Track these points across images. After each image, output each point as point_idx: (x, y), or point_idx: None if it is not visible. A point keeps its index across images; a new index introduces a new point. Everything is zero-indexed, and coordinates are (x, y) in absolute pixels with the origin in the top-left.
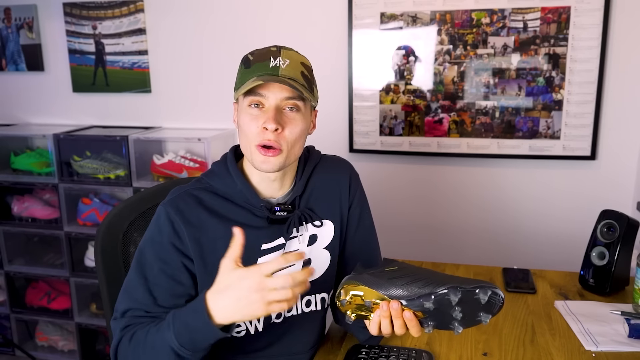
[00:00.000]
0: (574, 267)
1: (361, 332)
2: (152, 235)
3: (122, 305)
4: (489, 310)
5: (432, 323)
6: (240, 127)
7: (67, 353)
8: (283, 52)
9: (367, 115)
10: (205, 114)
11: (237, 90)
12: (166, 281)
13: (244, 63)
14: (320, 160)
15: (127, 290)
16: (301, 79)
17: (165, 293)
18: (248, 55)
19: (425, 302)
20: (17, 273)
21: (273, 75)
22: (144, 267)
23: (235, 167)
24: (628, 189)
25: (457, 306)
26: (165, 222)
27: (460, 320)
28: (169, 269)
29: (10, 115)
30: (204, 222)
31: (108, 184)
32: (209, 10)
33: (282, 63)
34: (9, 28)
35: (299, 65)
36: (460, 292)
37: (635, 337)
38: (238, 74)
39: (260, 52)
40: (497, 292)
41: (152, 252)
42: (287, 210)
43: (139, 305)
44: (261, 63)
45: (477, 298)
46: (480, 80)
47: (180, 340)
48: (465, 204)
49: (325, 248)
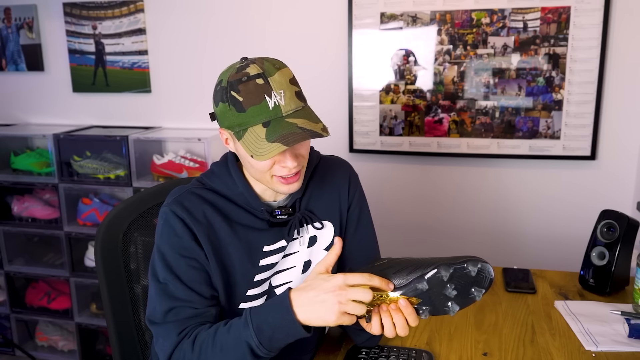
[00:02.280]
0: (574, 267)
1: (358, 334)
2: (167, 236)
3: (161, 307)
4: (480, 284)
5: (427, 308)
6: (248, 162)
7: (67, 353)
8: (271, 81)
9: (367, 115)
10: (205, 114)
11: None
12: (198, 274)
13: (232, 104)
14: (319, 161)
15: (162, 293)
16: (299, 102)
17: (202, 285)
18: (232, 92)
19: (419, 284)
20: (17, 273)
21: (278, 119)
22: (172, 268)
23: (237, 170)
24: (628, 189)
25: (449, 283)
26: (176, 221)
27: (454, 298)
28: (196, 263)
29: (10, 115)
30: (210, 219)
31: (108, 184)
32: (209, 10)
33: (280, 98)
34: (9, 28)
35: (289, 86)
36: (452, 268)
37: (635, 337)
38: (227, 114)
39: (247, 88)
40: (485, 264)
41: (173, 252)
42: (288, 213)
43: (182, 303)
44: (257, 106)
45: (468, 272)
46: (480, 80)
47: (260, 337)
48: (465, 204)
49: (325, 249)
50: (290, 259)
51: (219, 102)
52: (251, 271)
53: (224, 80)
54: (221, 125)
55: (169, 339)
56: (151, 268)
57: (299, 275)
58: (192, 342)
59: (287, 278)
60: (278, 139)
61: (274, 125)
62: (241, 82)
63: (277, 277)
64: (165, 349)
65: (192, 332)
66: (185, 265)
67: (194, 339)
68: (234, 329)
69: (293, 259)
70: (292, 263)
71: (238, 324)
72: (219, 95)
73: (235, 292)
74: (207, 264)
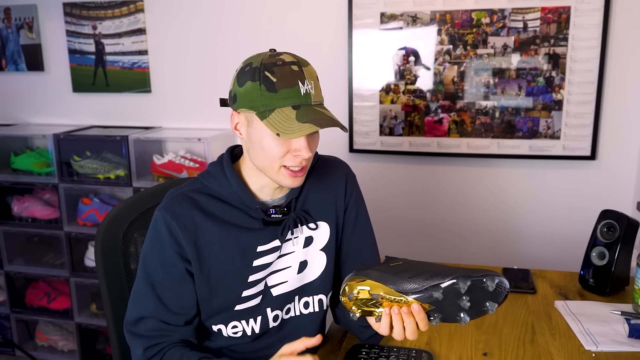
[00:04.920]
0: (574, 267)
1: (362, 330)
2: (152, 242)
3: (133, 314)
4: (495, 299)
5: (438, 315)
6: (261, 147)
7: (67, 353)
8: (304, 70)
9: (367, 115)
10: (205, 114)
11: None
12: (172, 286)
13: (264, 83)
14: (317, 161)
15: (136, 298)
16: (322, 98)
17: (173, 298)
18: (266, 73)
19: (434, 292)
20: (17, 273)
21: (307, 105)
22: (149, 274)
23: (231, 169)
24: (628, 189)
25: (465, 295)
26: (162, 228)
27: (468, 310)
28: (173, 274)
29: (10, 115)
30: (199, 224)
31: (108, 184)
32: (209, 10)
33: (311, 88)
34: (9, 28)
35: (316, 80)
36: (470, 280)
37: (635, 337)
38: (255, 93)
39: (282, 71)
40: (502, 280)
41: (154, 258)
42: (283, 213)
43: (150, 313)
44: (290, 89)
45: (485, 286)
46: (480, 80)
47: None
48: (465, 204)
49: (322, 250)
50: (286, 259)
51: (246, 82)
52: (245, 272)
53: (254, 62)
54: (241, 105)
55: (135, 353)
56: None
57: (295, 275)
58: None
59: (283, 278)
60: (310, 120)
61: (304, 109)
62: (276, 65)
63: (272, 277)
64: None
65: (157, 355)
66: (162, 274)
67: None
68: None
69: (289, 259)
70: (288, 263)
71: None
72: (248, 75)
73: (230, 295)
74: (188, 273)
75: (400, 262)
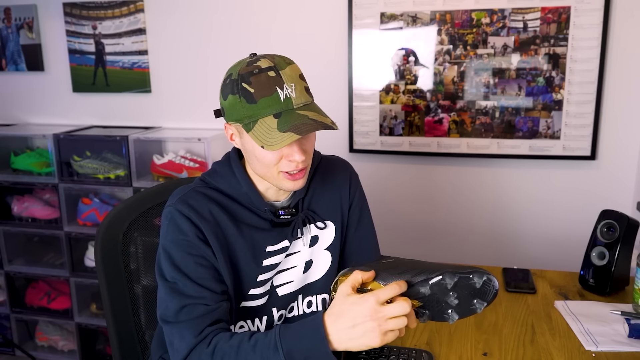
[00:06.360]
0: (574, 267)
1: None
2: (172, 234)
3: (173, 305)
4: (483, 297)
5: (427, 312)
6: (255, 156)
7: (67, 353)
8: (282, 74)
9: (367, 115)
10: (205, 114)
11: (255, 136)
12: (207, 271)
13: (243, 95)
14: (320, 161)
15: (172, 292)
16: (308, 97)
17: (212, 281)
18: (243, 84)
19: (422, 287)
20: (17, 273)
21: (289, 111)
22: (180, 267)
23: (241, 169)
24: (628, 189)
25: (452, 291)
26: (181, 220)
27: (455, 307)
28: (204, 261)
29: (10, 115)
30: (216, 216)
31: (108, 184)
32: (209, 10)
33: (291, 90)
34: (9, 28)
35: (299, 80)
36: (457, 276)
37: (635, 337)
38: (237, 106)
39: (259, 79)
40: (491, 277)
41: (180, 251)
42: (291, 214)
43: (194, 300)
44: (269, 97)
45: (472, 283)
46: (480, 80)
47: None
48: (465, 204)
49: (327, 249)
50: (292, 258)
51: (228, 95)
52: (255, 271)
53: (233, 73)
54: (229, 119)
55: (184, 340)
56: (157, 268)
57: (300, 274)
58: (211, 352)
59: (289, 278)
60: (290, 129)
61: (285, 116)
62: (253, 74)
63: (278, 277)
64: (181, 351)
65: (211, 339)
66: (193, 263)
67: (214, 349)
68: (261, 348)
69: (295, 258)
70: (294, 263)
71: (265, 343)
72: (229, 88)
73: (239, 291)
74: (215, 261)
75: (391, 260)
